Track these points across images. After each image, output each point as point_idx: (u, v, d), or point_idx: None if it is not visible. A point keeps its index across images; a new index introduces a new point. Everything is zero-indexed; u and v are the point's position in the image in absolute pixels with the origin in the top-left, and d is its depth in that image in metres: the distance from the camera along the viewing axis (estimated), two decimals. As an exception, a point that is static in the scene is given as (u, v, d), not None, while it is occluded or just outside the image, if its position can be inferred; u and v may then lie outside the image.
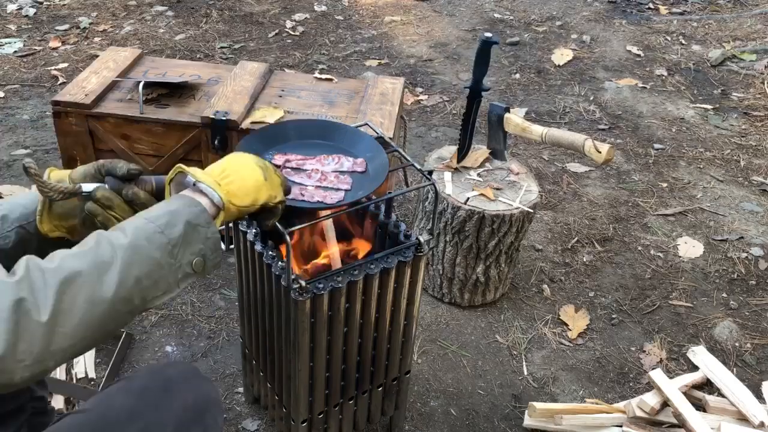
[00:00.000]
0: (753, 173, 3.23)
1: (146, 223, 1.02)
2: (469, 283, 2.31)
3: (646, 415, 1.94)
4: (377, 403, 1.77)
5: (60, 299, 0.90)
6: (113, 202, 1.12)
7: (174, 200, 1.08)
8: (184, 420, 1.16)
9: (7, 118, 3.34)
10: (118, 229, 1.02)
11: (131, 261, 0.98)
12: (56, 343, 0.90)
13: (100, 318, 0.94)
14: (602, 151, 1.92)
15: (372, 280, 1.49)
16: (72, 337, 0.92)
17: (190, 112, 2.36)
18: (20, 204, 1.16)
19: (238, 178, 1.14)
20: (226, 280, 2.42)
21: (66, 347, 0.92)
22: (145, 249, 1.00)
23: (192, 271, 1.06)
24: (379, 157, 1.52)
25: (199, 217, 1.06)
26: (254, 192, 1.15)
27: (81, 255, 0.96)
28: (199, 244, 1.05)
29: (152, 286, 1.00)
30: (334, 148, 1.57)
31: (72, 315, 0.91)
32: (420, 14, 4.73)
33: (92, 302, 0.93)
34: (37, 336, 0.88)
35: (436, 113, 3.58)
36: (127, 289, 0.97)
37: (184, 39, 4.18)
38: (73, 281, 0.92)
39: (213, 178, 1.12)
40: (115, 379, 2.00)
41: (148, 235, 1.01)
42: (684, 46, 4.43)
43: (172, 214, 1.04)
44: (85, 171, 1.16)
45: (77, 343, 0.93)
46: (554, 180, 3.08)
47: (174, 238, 1.02)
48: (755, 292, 2.54)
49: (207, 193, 1.10)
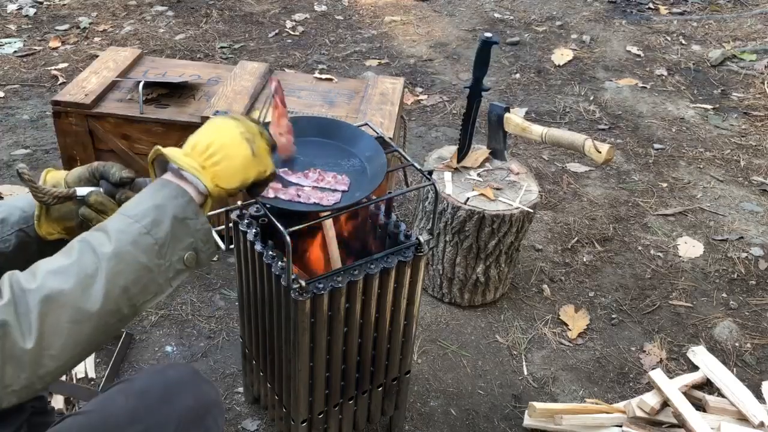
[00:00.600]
0: (753, 173, 3.23)
1: (131, 223, 0.97)
2: (469, 283, 2.31)
3: (646, 415, 1.94)
4: (377, 403, 1.77)
5: (43, 322, 0.87)
6: (107, 206, 1.10)
7: (159, 189, 1.02)
8: (185, 422, 1.16)
9: (7, 118, 3.34)
10: (101, 231, 0.97)
11: (117, 270, 0.93)
12: (44, 367, 0.88)
13: (89, 334, 0.91)
14: (602, 151, 1.92)
15: (372, 280, 1.49)
16: (59, 358, 0.89)
17: (190, 112, 2.36)
18: (19, 207, 1.15)
19: (224, 156, 1.05)
20: (226, 280, 2.42)
21: (54, 369, 0.89)
22: (131, 255, 0.95)
23: (184, 267, 1.01)
24: (378, 158, 1.49)
25: (187, 210, 1.01)
26: (243, 171, 1.07)
27: (63, 271, 0.92)
28: (188, 238, 1.01)
29: (141, 291, 0.96)
30: (332, 146, 1.55)
31: (57, 336, 0.88)
32: (420, 14, 4.73)
33: (77, 321, 0.90)
34: (24, 362, 0.86)
35: (436, 113, 3.58)
36: (113, 300, 0.93)
37: (184, 39, 4.18)
38: (56, 301, 0.89)
39: (197, 160, 1.04)
40: (115, 380, 2.00)
41: (134, 239, 0.96)
42: (684, 46, 4.43)
43: (158, 210, 0.99)
44: (80, 174, 1.14)
45: (67, 362, 0.90)
46: (554, 180, 3.08)
47: (161, 237, 0.97)
48: (755, 292, 2.54)
49: (191, 180, 1.04)
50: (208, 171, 1.04)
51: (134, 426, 1.11)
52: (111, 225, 0.98)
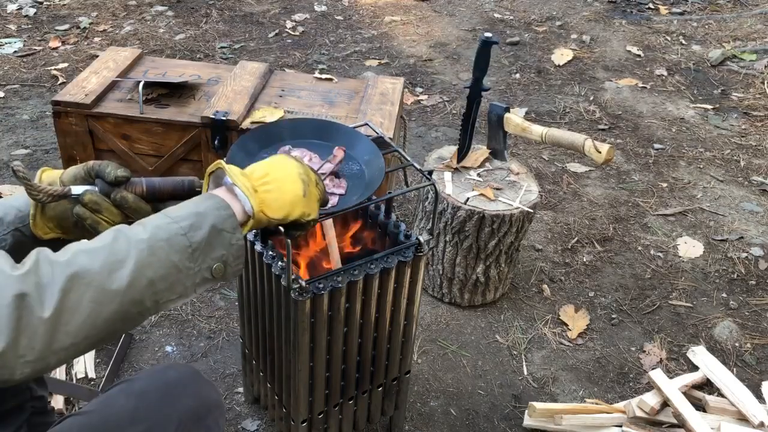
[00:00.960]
0: (753, 173, 3.23)
1: (169, 222, 0.99)
2: (469, 283, 2.31)
3: (646, 415, 1.94)
4: (377, 403, 1.77)
5: (65, 296, 0.88)
6: (101, 205, 1.09)
7: (204, 200, 1.04)
8: (186, 422, 1.16)
9: (7, 118, 3.34)
10: (139, 224, 0.99)
11: (147, 262, 0.94)
12: (59, 341, 0.88)
13: (108, 318, 0.92)
14: (602, 151, 1.92)
15: (372, 280, 1.49)
16: (75, 336, 0.89)
17: (190, 112, 2.36)
18: (14, 206, 1.14)
19: (276, 188, 1.09)
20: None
21: (68, 345, 0.89)
22: (164, 251, 0.96)
23: (211, 276, 1.02)
24: (376, 162, 1.47)
25: (226, 222, 1.02)
26: (289, 206, 1.10)
27: (94, 251, 0.93)
28: (222, 249, 1.02)
29: (167, 289, 0.97)
30: (331, 149, 1.54)
31: (77, 314, 0.89)
32: (420, 14, 4.73)
33: (99, 302, 0.90)
34: (39, 332, 0.86)
35: (436, 113, 3.58)
36: (138, 290, 0.94)
37: (184, 39, 4.18)
38: (82, 278, 0.90)
39: (251, 182, 1.07)
40: (115, 380, 2.00)
41: (170, 236, 0.97)
42: (684, 46, 4.43)
43: (198, 216, 1.01)
44: (75, 173, 1.14)
45: (81, 342, 0.91)
46: (554, 180, 3.08)
47: (196, 241, 0.99)
48: (755, 292, 2.54)
49: (240, 198, 1.06)
50: (259, 195, 1.07)
51: (135, 426, 1.11)
52: (150, 220, 1.00)
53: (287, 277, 1.37)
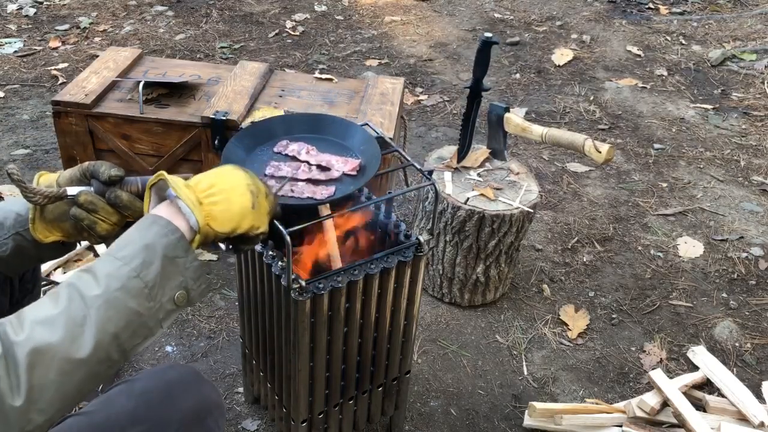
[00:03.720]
0: (753, 173, 3.23)
1: (120, 266, 0.95)
2: (469, 283, 2.31)
3: (646, 415, 1.94)
4: (377, 403, 1.77)
5: (31, 376, 0.85)
6: (97, 205, 1.09)
7: (148, 226, 1.00)
8: (186, 422, 1.16)
9: (7, 118, 3.34)
10: (89, 274, 0.95)
11: (106, 317, 0.91)
12: (32, 422, 0.86)
13: (78, 384, 0.89)
14: (602, 151, 1.92)
15: (372, 280, 1.49)
16: (47, 412, 0.87)
17: (190, 112, 2.36)
18: (14, 211, 1.15)
19: (223, 199, 1.04)
20: (226, 280, 2.42)
21: (42, 423, 0.87)
22: (121, 300, 0.93)
23: (175, 306, 0.99)
24: (372, 148, 1.47)
25: (177, 248, 0.98)
26: (238, 219, 1.05)
27: (51, 321, 0.89)
28: (179, 277, 0.99)
29: (131, 336, 0.94)
30: (326, 141, 1.54)
31: (46, 390, 0.86)
32: (420, 14, 4.73)
33: (66, 372, 0.87)
34: (12, 419, 0.84)
35: (436, 113, 3.58)
36: (104, 348, 0.91)
37: (184, 39, 4.18)
38: (44, 354, 0.86)
39: (196, 194, 1.02)
40: (115, 380, 2.00)
41: (123, 284, 0.93)
42: (684, 46, 4.43)
43: (148, 250, 0.96)
44: (71, 175, 1.13)
45: (54, 415, 0.88)
46: (554, 180, 3.08)
47: (151, 279, 0.95)
48: (755, 292, 2.54)
49: (185, 213, 1.01)
50: (204, 208, 1.02)
51: (135, 426, 1.12)
52: (99, 267, 0.95)
53: (287, 277, 1.37)
